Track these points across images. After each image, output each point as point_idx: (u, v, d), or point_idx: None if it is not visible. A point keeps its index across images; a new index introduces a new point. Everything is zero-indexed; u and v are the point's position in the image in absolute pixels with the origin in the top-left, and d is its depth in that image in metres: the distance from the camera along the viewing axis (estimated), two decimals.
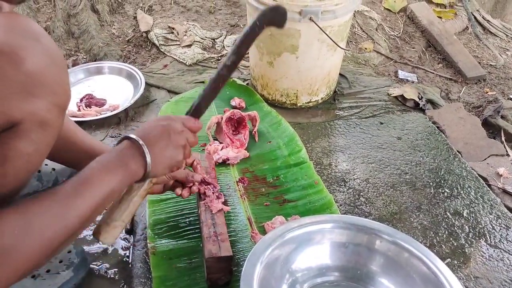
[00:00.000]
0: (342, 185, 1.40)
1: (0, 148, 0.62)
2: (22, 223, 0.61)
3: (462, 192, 1.39)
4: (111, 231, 0.83)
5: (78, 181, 0.71)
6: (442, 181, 1.43)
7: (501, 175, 1.47)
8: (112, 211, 0.85)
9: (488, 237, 1.24)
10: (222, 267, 1.00)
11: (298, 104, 1.77)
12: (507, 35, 2.55)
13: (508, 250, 1.20)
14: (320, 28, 1.49)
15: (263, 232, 1.15)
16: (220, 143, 1.50)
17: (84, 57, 2.06)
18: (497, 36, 2.53)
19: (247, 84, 1.89)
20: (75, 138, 0.98)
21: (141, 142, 0.78)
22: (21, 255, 0.61)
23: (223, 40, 2.19)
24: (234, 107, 1.69)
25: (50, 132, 0.65)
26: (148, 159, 0.78)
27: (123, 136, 0.81)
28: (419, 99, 1.83)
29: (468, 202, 1.35)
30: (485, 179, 1.46)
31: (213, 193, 1.15)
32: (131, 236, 1.19)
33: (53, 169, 1.25)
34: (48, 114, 0.63)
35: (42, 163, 0.71)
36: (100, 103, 1.72)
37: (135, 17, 2.26)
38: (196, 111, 0.92)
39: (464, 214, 1.31)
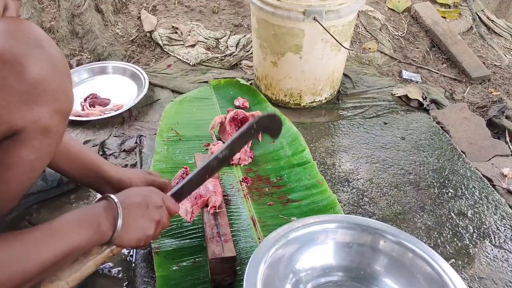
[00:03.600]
0: (345, 185, 1.40)
1: (3, 155, 0.61)
2: None
3: (466, 192, 1.39)
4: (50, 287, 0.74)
5: (48, 228, 0.69)
6: (446, 181, 1.42)
7: (505, 176, 1.46)
8: (61, 269, 0.76)
9: (492, 237, 1.24)
10: (225, 267, 0.99)
11: (302, 104, 1.77)
12: (511, 35, 2.54)
13: None
14: (324, 27, 1.49)
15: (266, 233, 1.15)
16: (224, 143, 1.50)
17: (88, 56, 2.06)
18: (502, 36, 2.52)
19: (251, 84, 1.89)
20: (67, 144, 0.97)
21: (118, 204, 0.77)
22: None
23: (226, 40, 2.19)
24: (238, 107, 1.69)
25: (52, 139, 0.64)
26: (119, 222, 0.76)
27: (105, 195, 0.80)
28: (423, 99, 1.82)
29: (473, 203, 1.35)
30: (489, 180, 1.45)
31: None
32: None
33: None
34: (51, 121, 0.62)
35: (44, 169, 0.70)
36: (104, 103, 1.73)
37: (139, 17, 2.27)
38: (178, 194, 0.92)
39: (469, 215, 1.31)
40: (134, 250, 1.14)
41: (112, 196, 0.78)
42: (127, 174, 1.03)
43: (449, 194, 1.38)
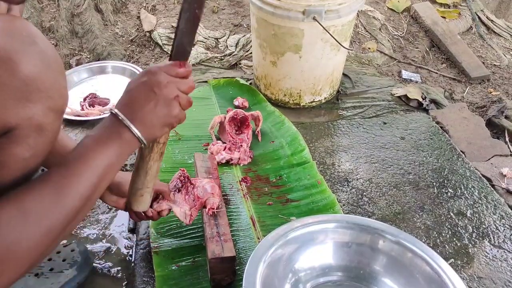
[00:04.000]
0: (345, 185, 1.40)
1: None
2: (16, 213, 0.59)
3: (465, 192, 1.39)
4: (140, 200, 0.87)
5: (72, 160, 0.67)
6: (445, 181, 1.43)
7: (505, 175, 1.46)
8: (134, 181, 0.86)
9: (491, 237, 1.24)
10: (225, 267, 0.99)
11: (301, 104, 1.77)
12: (511, 35, 2.54)
13: None
14: (324, 27, 1.49)
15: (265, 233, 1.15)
16: (223, 143, 1.50)
17: (88, 56, 2.06)
18: (501, 36, 2.52)
19: (250, 83, 1.89)
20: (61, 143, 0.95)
21: (120, 116, 0.71)
22: (21, 249, 0.58)
23: (226, 40, 2.19)
24: (237, 107, 1.69)
25: (46, 137, 0.64)
26: (134, 129, 0.71)
27: (110, 109, 0.74)
28: (423, 99, 1.82)
29: (472, 202, 1.35)
30: (488, 179, 1.45)
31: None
32: (134, 235, 1.19)
33: None
34: (45, 119, 0.62)
35: (39, 167, 0.70)
36: (104, 103, 1.73)
37: (138, 17, 2.27)
38: (179, 53, 0.77)
39: (468, 214, 1.31)
40: (134, 249, 1.14)
41: (114, 109, 0.73)
42: (126, 177, 1.02)
43: (449, 194, 1.38)
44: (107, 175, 0.69)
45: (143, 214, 1.00)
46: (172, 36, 2.15)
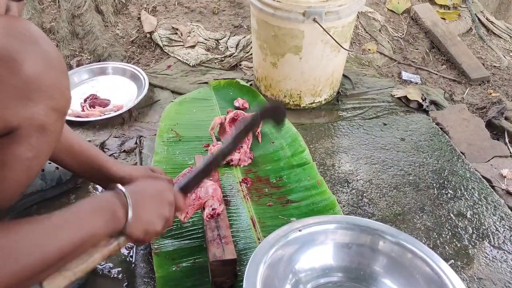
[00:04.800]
0: (345, 186, 1.40)
1: None
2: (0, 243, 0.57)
3: (465, 193, 1.39)
4: (58, 279, 0.71)
5: (65, 215, 0.68)
6: (445, 182, 1.43)
7: (504, 177, 1.47)
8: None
9: (491, 238, 1.24)
10: (226, 270, 0.99)
11: (302, 105, 1.78)
12: (511, 37, 2.54)
13: None
14: (324, 29, 1.49)
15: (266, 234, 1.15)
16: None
17: (88, 57, 2.07)
18: (501, 38, 2.53)
19: (251, 84, 1.89)
20: (71, 141, 0.98)
21: (127, 193, 0.76)
22: None
23: (226, 41, 2.19)
24: (238, 108, 1.70)
25: (49, 137, 0.64)
26: (130, 211, 0.75)
27: (113, 185, 0.79)
28: (423, 100, 1.83)
29: (472, 203, 1.35)
30: (488, 181, 1.45)
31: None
32: None
33: (57, 167, 1.26)
34: (47, 118, 0.62)
35: (42, 167, 0.70)
36: (104, 104, 1.73)
37: (139, 18, 2.27)
38: (186, 188, 0.92)
39: (468, 215, 1.31)
40: (134, 250, 1.14)
41: (120, 186, 0.77)
42: (129, 171, 1.04)
43: (449, 195, 1.38)
44: (88, 241, 0.69)
45: None
46: (173, 37, 2.16)
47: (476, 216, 1.31)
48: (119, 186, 0.77)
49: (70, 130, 1.00)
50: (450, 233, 1.25)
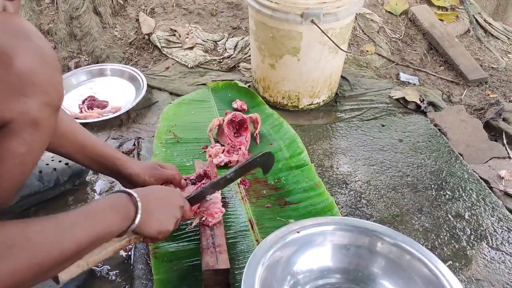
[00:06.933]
0: (343, 187, 1.40)
1: None
2: (19, 236, 0.59)
3: (463, 194, 1.39)
4: (71, 267, 0.75)
5: (82, 212, 0.72)
6: (443, 184, 1.43)
7: (502, 178, 1.47)
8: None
9: (489, 239, 1.24)
10: (219, 279, 0.97)
11: (300, 107, 1.78)
12: (508, 38, 2.55)
13: (510, 253, 1.20)
14: (322, 30, 1.49)
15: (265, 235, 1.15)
16: (222, 145, 1.50)
17: (86, 59, 2.06)
18: (499, 39, 2.53)
19: (249, 86, 1.89)
20: (84, 141, 1.00)
21: (135, 195, 0.80)
22: (6, 269, 0.57)
23: (225, 43, 2.19)
24: (236, 109, 1.70)
25: (42, 132, 0.64)
26: (139, 213, 0.79)
27: (122, 190, 0.82)
28: (421, 102, 1.83)
29: (470, 205, 1.35)
30: (486, 182, 1.45)
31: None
32: None
33: (54, 169, 1.26)
34: (40, 113, 0.62)
35: (36, 163, 0.70)
36: (102, 105, 1.73)
37: (137, 20, 2.27)
38: (194, 199, 1.04)
39: (466, 217, 1.31)
40: (132, 251, 1.14)
41: (132, 192, 0.81)
42: (136, 169, 1.06)
43: (447, 196, 1.38)
44: (103, 237, 0.73)
45: None
46: (171, 39, 2.16)
47: (474, 217, 1.31)
48: (132, 191, 0.81)
49: (83, 129, 1.02)
50: (448, 234, 1.25)
